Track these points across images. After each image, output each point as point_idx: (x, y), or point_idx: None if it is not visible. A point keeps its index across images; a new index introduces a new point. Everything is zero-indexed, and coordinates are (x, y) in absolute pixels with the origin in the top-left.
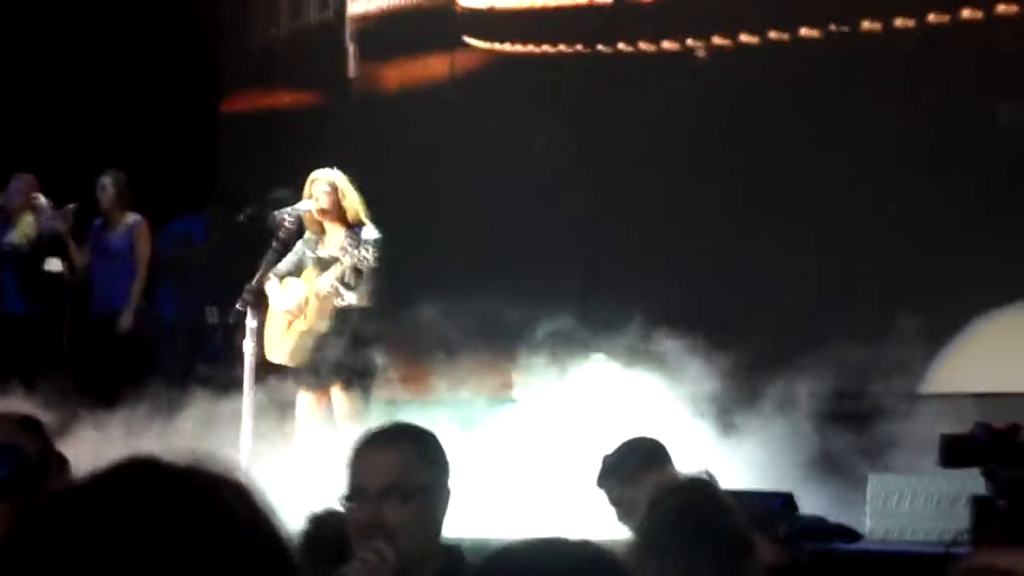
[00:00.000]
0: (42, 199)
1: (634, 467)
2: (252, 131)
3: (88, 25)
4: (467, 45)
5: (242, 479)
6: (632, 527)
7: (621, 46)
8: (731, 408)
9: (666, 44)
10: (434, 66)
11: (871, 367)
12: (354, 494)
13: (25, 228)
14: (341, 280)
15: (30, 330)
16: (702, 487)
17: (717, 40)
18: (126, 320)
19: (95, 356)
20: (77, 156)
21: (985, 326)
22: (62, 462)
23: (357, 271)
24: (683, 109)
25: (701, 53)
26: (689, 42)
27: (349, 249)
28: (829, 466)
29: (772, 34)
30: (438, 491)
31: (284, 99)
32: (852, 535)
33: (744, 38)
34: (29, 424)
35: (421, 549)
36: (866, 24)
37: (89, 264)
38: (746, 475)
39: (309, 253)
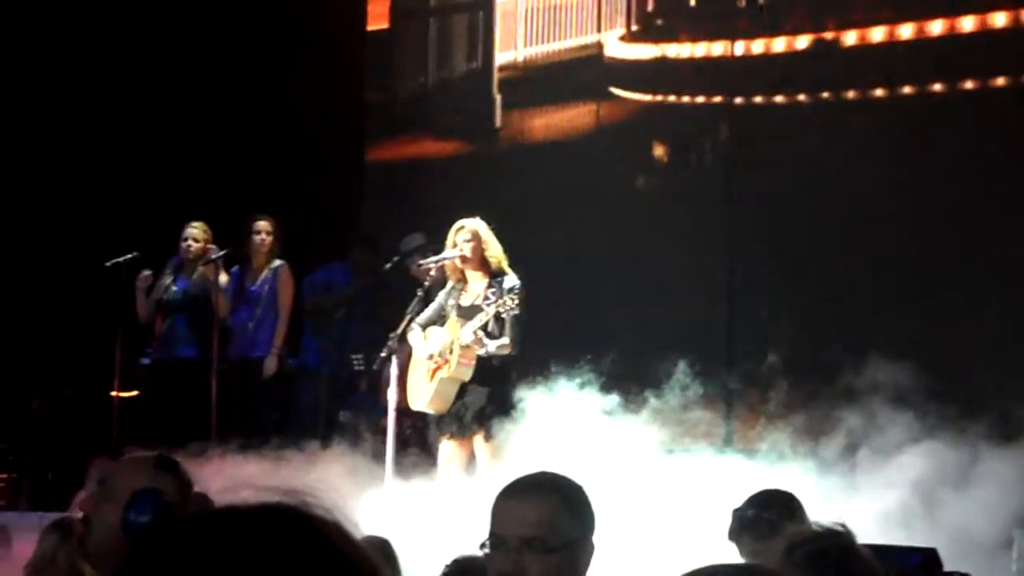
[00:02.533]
0: (215, 249)
1: (771, 520)
2: (397, 179)
3: (238, 75)
4: (612, 95)
5: (341, 519)
6: None
7: (757, 99)
8: (876, 459)
9: (801, 97)
10: (580, 116)
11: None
12: (495, 543)
13: (199, 277)
14: (484, 329)
15: (191, 375)
16: (838, 535)
17: (850, 94)
18: (270, 365)
19: (237, 401)
20: (225, 204)
21: None
22: (206, 504)
23: (500, 320)
24: (822, 160)
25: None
26: (824, 94)
27: (492, 298)
28: (974, 521)
29: (905, 89)
30: (581, 545)
31: (429, 148)
32: None
33: (879, 92)
34: (166, 464)
35: None
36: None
37: (231, 310)
38: (888, 528)
39: (452, 302)
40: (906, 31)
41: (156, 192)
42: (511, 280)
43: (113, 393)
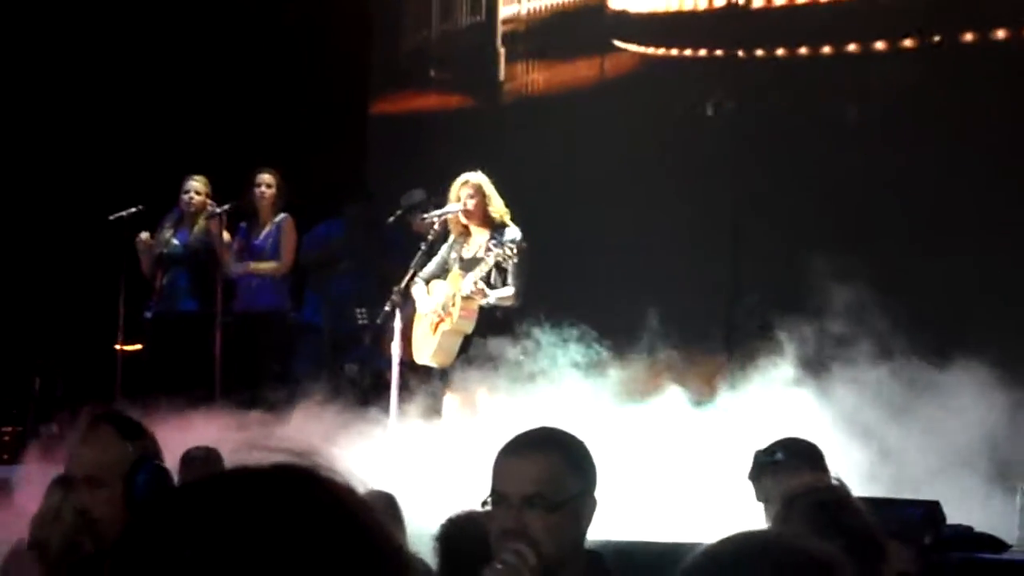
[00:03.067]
0: (214, 205)
1: (794, 466)
2: (400, 133)
3: (241, 27)
4: (616, 48)
5: (351, 481)
6: None
7: (759, 52)
8: (881, 412)
9: (803, 50)
10: (583, 69)
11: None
12: (498, 500)
13: (201, 231)
14: (486, 281)
15: (193, 328)
16: (835, 490)
17: (851, 47)
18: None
19: (240, 354)
20: (228, 158)
21: None
22: (217, 461)
23: (502, 271)
24: (824, 114)
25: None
26: (825, 49)
27: (493, 250)
28: (980, 475)
29: (906, 42)
30: (584, 500)
31: (433, 101)
32: (999, 545)
33: (879, 45)
34: (129, 431)
35: (563, 556)
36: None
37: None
38: (896, 482)
39: (454, 255)
40: None
41: (159, 146)
42: (512, 232)
43: (117, 346)
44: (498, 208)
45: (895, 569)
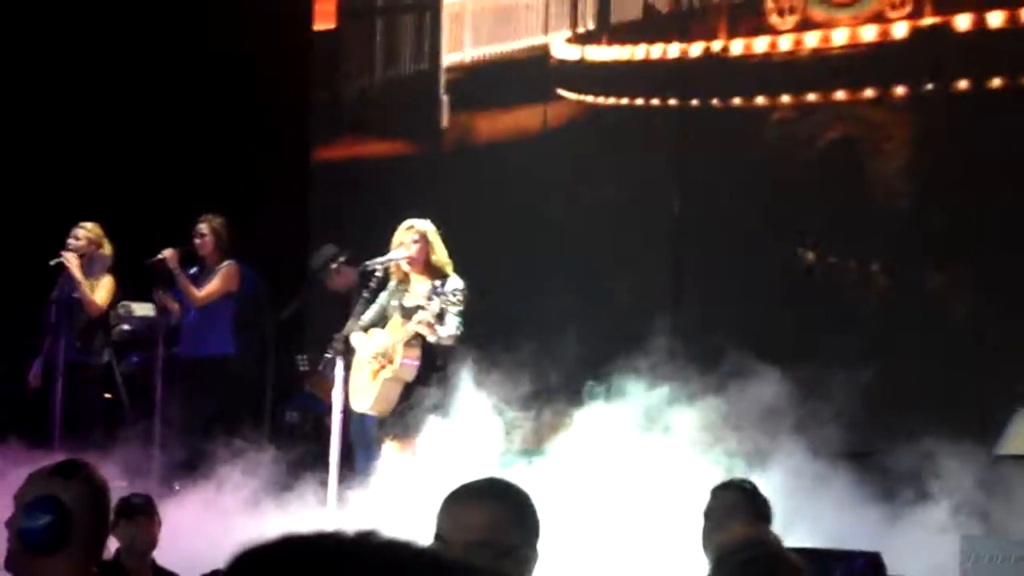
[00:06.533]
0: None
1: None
2: (344, 180)
3: (184, 73)
4: (559, 97)
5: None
6: None
7: (713, 101)
8: (819, 461)
9: (759, 100)
10: (526, 117)
11: (960, 427)
12: (441, 547)
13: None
14: (432, 322)
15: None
16: (765, 543)
17: (810, 97)
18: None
19: (185, 400)
20: (173, 203)
21: None
22: (148, 503)
23: (441, 318)
24: (771, 163)
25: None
26: (785, 99)
27: (435, 299)
28: (920, 526)
29: (867, 91)
30: (527, 552)
31: (376, 149)
32: None
33: (840, 95)
34: (64, 471)
35: None
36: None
37: (183, 311)
38: (834, 532)
39: (394, 303)
40: (869, 32)
41: (104, 192)
42: (454, 282)
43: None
44: (441, 257)
45: None
